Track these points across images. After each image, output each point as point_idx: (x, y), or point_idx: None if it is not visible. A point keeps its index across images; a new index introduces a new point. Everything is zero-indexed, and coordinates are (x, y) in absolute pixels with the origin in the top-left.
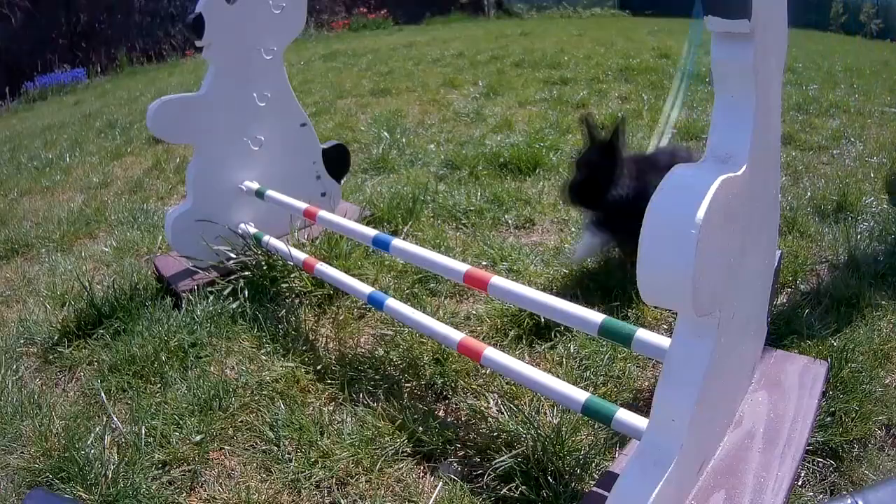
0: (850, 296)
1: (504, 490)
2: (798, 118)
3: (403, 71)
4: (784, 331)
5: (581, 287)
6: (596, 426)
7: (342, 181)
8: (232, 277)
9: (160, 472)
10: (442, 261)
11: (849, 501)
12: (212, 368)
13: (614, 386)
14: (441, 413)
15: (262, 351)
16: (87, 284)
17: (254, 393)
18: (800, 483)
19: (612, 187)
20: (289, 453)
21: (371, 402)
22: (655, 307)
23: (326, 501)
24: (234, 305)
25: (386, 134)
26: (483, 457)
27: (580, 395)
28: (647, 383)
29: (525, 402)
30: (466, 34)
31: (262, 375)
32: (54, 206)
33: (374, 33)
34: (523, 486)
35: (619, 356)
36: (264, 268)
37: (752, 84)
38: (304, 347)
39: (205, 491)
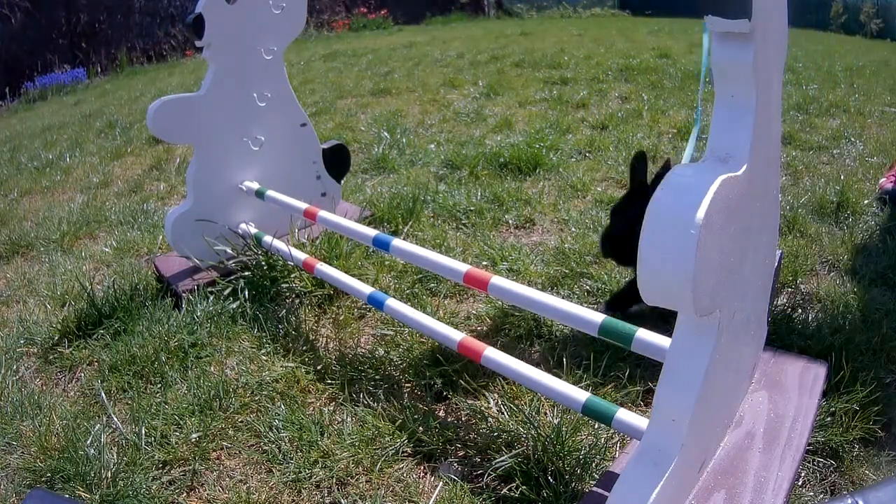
0: (850, 296)
1: (504, 490)
2: (798, 118)
3: (403, 71)
4: (784, 331)
5: (581, 287)
6: (596, 426)
7: (342, 181)
8: (232, 277)
9: (160, 472)
10: (442, 261)
11: (849, 501)
12: (212, 368)
13: (614, 386)
14: (441, 413)
15: (262, 351)
16: (87, 284)
17: (254, 393)
18: (800, 483)
19: None
20: (289, 453)
21: (371, 402)
22: (656, 307)
23: (326, 501)
24: (234, 305)
25: (386, 134)
26: (483, 457)
27: (580, 395)
28: (647, 383)
29: (525, 402)
30: (466, 34)
31: (263, 375)
32: (54, 206)
33: (374, 33)
34: (523, 486)
35: (619, 356)
36: (264, 268)
37: (752, 84)
38: (304, 347)
39: (205, 491)
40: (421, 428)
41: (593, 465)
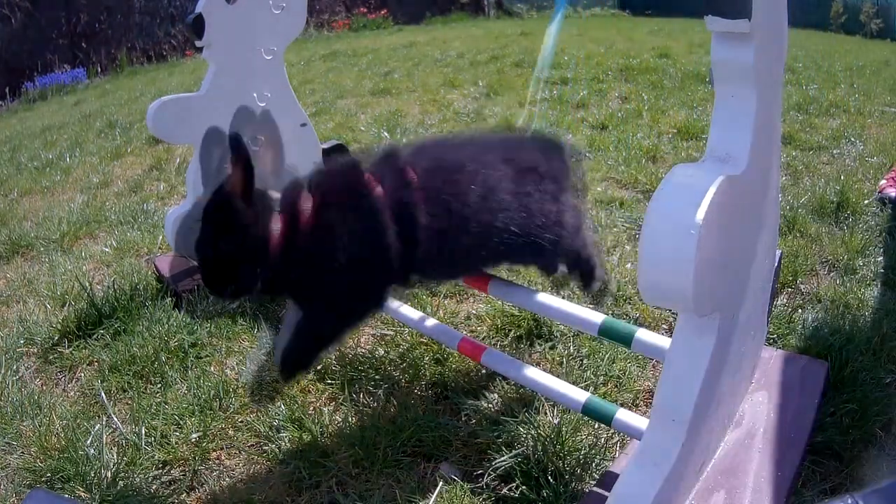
0: (850, 296)
1: (504, 490)
2: (798, 118)
3: (403, 71)
4: (784, 331)
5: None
6: (596, 426)
7: None
8: None
9: (160, 472)
10: None
11: (849, 501)
12: (212, 368)
13: (614, 386)
14: (441, 413)
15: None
16: (87, 284)
17: (254, 393)
18: (800, 483)
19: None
20: (289, 453)
21: (371, 402)
22: (656, 307)
23: (326, 501)
24: (234, 305)
25: (386, 134)
26: (483, 457)
27: (580, 395)
28: (647, 383)
29: (525, 402)
30: (466, 34)
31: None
32: (54, 206)
33: (375, 33)
34: (523, 486)
35: (620, 356)
36: None
37: (752, 84)
38: None
39: (205, 491)
40: (421, 428)
41: (593, 465)
